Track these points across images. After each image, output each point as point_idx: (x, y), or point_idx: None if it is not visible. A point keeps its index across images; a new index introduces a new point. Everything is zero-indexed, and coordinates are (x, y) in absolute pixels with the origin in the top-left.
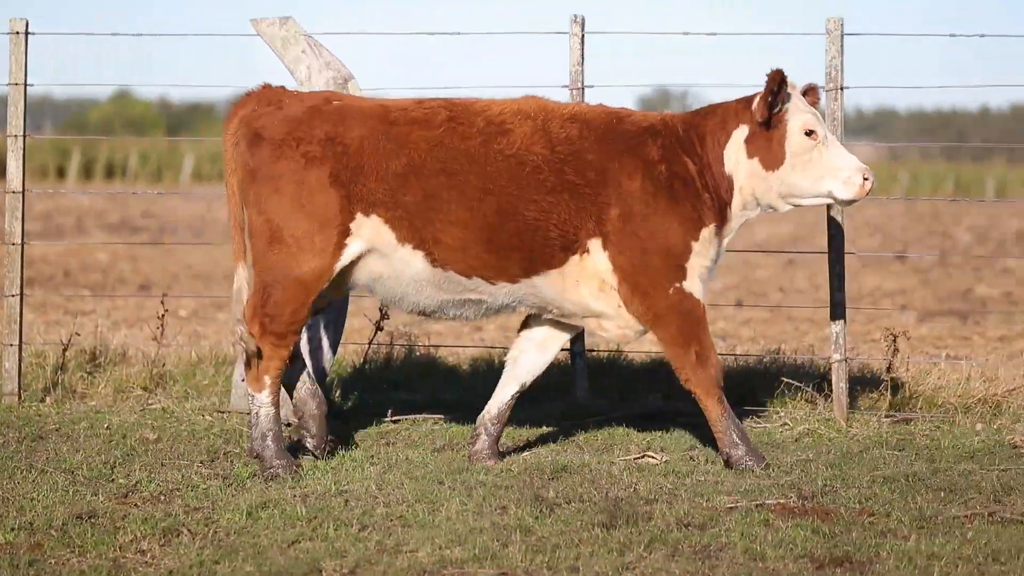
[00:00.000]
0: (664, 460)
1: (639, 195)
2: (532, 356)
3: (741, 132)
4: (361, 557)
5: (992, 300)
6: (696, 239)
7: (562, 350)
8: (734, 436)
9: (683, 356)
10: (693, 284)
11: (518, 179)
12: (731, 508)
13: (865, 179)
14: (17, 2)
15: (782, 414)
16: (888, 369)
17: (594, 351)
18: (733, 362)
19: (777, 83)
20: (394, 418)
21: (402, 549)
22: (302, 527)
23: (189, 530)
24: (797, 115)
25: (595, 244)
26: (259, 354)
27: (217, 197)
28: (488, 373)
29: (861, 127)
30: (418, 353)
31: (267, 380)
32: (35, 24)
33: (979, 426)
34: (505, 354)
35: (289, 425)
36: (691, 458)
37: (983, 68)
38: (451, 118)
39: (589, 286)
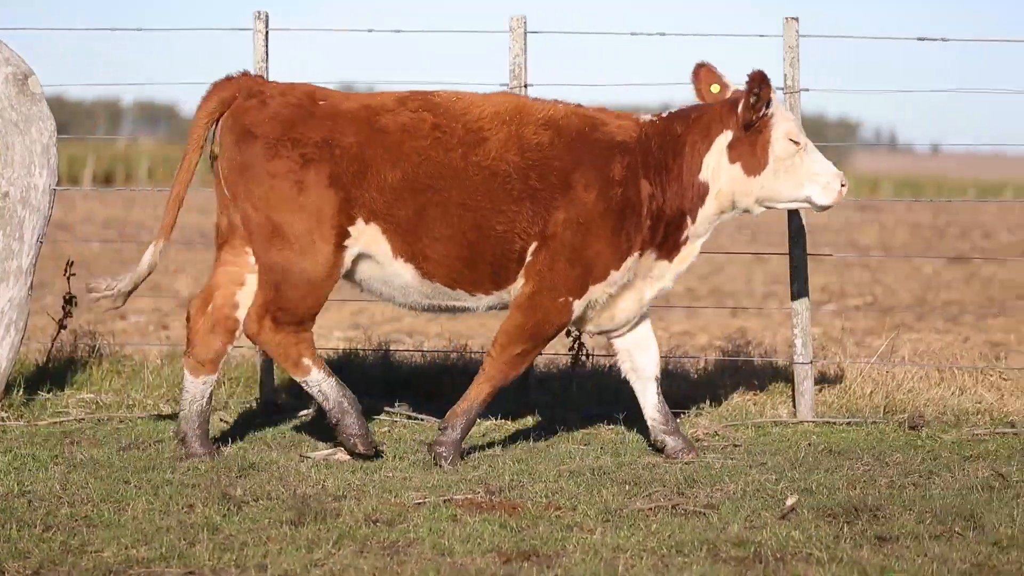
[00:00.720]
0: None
1: (591, 207)
2: (641, 356)
3: (724, 138)
4: (45, 558)
5: (675, 296)
6: (617, 268)
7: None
8: (463, 423)
9: (511, 344)
10: (579, 305)
11: (491, 192)
12: (419, 504)
13: (842, 185)
14: None
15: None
16: (573, 365)
17: None
18: (421, 358)
19: (759, 84)
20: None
21: (87, 549)
22: None
23: None
24: (782, 122)
25: (532, 249)
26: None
27: None
28: (175, 371)
29: None
30: (104, 352)
31: (307, 362)
32: None
33: None
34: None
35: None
36: (379, 454)
37: (666, 66)
38: (435, 126)
39: None
